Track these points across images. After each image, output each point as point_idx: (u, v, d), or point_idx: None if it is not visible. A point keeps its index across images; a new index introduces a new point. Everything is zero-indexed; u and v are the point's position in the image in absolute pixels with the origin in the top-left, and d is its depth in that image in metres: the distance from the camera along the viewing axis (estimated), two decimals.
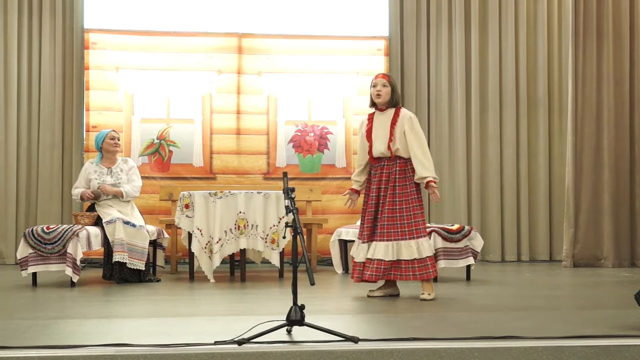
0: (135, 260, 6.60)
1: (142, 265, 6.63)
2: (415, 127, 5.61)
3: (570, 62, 8.45)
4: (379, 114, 5.72)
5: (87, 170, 6.97)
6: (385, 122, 5.64)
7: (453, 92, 9.08)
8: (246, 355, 3.49)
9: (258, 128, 8.78)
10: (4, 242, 8.45)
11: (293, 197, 4.15)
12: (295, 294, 3.91)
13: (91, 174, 6.91)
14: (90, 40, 8.59)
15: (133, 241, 6.60)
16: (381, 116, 5.70)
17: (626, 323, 4.28)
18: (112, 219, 6.60)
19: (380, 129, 5.64)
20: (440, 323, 4.40)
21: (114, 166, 6.98)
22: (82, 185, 6.94)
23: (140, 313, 5.04)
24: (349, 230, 7.59)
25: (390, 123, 5.61)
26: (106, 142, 6.98)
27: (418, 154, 5.56)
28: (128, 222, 6.63)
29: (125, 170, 7.03)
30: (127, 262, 6.53)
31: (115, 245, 6.51)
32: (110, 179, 6.88)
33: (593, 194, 8.36)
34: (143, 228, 6.73)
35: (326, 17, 9.03)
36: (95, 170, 6.93)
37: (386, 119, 5.65)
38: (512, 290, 6.37)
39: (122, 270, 6.60)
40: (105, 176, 6.90)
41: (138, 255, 6.62)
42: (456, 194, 9.01)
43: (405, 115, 5.63)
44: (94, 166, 6.96)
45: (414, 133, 5.59)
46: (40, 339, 3.84)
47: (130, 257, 6.56)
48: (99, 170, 6.92)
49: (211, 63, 8.75)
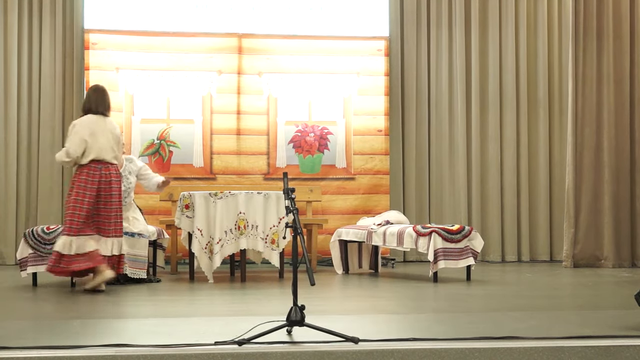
0: (138, 269, 6.62)
1: (144, 274, 6.66)
2: None
3: (570, 63, 8.44)
4: None
5: None
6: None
7: (453, 92, 9.07)
8: (246, 356, 3.50)
9: (258, 128, 8.77)
10: (4, 242, 8.45)
11: (293, 197, 4.16)
12: (295, 294, 3.91)
13: None
14: (91, 41, 8.58)
15: (133, 251, 6.61)
16: None
17: (626, 323, 4.28)
18: None
19: None
20: (440, 323, 4.41)
21: (121, 169, 6.96)
22: None
23: (140, 313, 5.05)
24: (349, 230, 7.59)
25: None
26: None
27: None
28: (127, 233, 6.57)
29: (134, 171, 7.05)
30: (129, 273, 6.54)
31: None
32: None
33: (593, 195, 8.36)
34: (143, 235, 6.73)
35: (326, 17, 9.02)
36: None
37: None
38: (512, 290, 6.37)
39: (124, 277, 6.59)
40: None
41: (140, 265, 6.65)
42: (456, 194, 9.01)
43: None
44: None
45: None
46: (40, 339, 3.84)
47: (133, 267, 6.59)
48: None
49: (211, 63, 8.74)
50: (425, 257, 7.19)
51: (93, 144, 6.09)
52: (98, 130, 6.15)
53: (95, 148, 6.10)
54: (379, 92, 8.93)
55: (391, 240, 7.12)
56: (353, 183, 8.83)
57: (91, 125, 6.14)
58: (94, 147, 6.10)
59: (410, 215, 8.68)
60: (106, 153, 6.15)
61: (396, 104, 9.00)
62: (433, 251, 6.66)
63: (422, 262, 8.60)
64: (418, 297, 5.90)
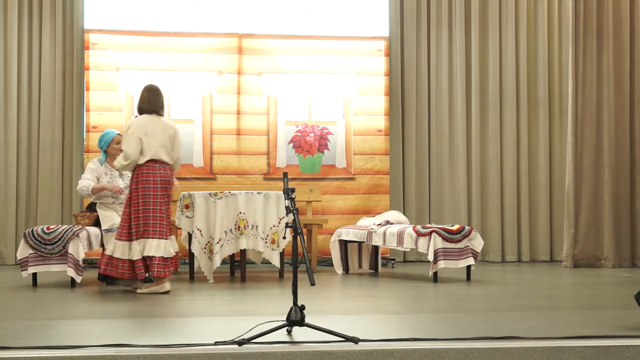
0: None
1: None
2: None
3: (570, 63, 8.45)
4: None
5: (98, 170, 6.90)
6: None
7: (453, 92, 9.08)
8: (246, 356, 3.50)
9: (258, 128, 8.77)
10: (4, 242, 8.45)
11: (293, 197, 4.16)
12: (295, 294, 3.92)
13: (102, 176, 6.86)
14: (91, 41, 8.58)
15: None
16: None
17: (626, 323, 4.28)
18: (112, 227, 6.57)
19: None
20: (440, 323, 4.41)
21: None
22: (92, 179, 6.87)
23: (140, 313, 5.05)
24: (349, 230, 7.59)
25: None
26: (112, 148, 6.89)
27: None
28: None
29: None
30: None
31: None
32: (122, 182, 6.86)
33: (593, 195, 8.36)
34: None
35: (326, 17, 9.02)
36: (106, 172, 6.87)
37: None
38: (512, 290, 6.37)
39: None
40: (117, 179, 6.88)
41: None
42: (456, 194, 9.01)
43: None
44: (104, 168, 6.90)
45: None
46: (40, 339, 3.84)
47: None
48: (110, 173, 6.88)
49: (211, 63, 8.74)
50: (425, 257, 7.19)
51: (149, 144, 6.02)
52: (152, 130, 6.07)
53: (152, 148, 6.03)
54: (379, 92, 8.93)
55: (391, 240, 7.12)
56: (353, 183, 8.83)
57: (145, 126, 6.08)
58: (150, 147, 6.02)
59: (410, 215, 8.69)
60: (162, 152, 6.07)
61: (396, 104, 9.00)
62: (433, 251, 6.66)
63: (422, 262, 8.60)
64: (418, 297, 5.90)
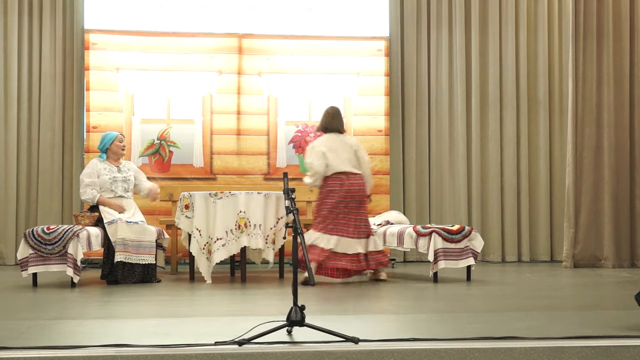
0: (145, 255, 6.64)
1: (152, 259, 6.68)
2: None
3: (570, 63, 8.45)
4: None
5: (97, 167, 6.96)
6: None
7: (453, 92, 9.08)
8: (246, 356, 3.50)
9: (258, 128, 8.77)
10: (4, 242, 8.45)
11: (293, 197, 4.16)
12: (295, 294, 3.91)
13: (101, 171, 6.93)
14: (91, 41, 8.58)
15: (140, 237, 6.64)
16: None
17: (626, 323, 4.28)
18: (114, 219, 6.64)
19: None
20: (440, 323, 4.41)
21: (120, 165, 7.06)
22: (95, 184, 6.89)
23: (140, 313, 5.05)
24: None
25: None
26: (115, 145, 7.02)
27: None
28: (131, 222, 6.65)
29: (132, 169, 7.19)
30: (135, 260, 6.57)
31: (118, 245, 6.54)
32: (120, 175, 6.94)
33: (593, 195, 8.36)
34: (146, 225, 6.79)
35: (326, 17, 9.02)
36: (104, 167, 6.97)
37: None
38: (512, 290, 6.37)
39: (124, 270, 6.59)
40: (116, 173, 6.95)
41: (147, 250, 6.67)
42: (456, 194, 9.01)
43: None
44: (103, 164, 6.99)
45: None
46: (40, 339, 3.84)
47: (140, 252, 6.61)
48: (108, 167, 6.98)
49: (211, 63, 8.74)
50: (425, 257, 7.19)
51: (333, 159, 6.75)
52: (334, 145, 6.81)
53: (336, 162, 6.74)
54: (379, 93, 8.93)
55: (391, 241, 7.12)
56: None
57: (328, 142, 6.84)
58: (334, 161, 6.75)
59: (410, 216, 8.69)
60: (345, 165, 6.76)
61: (396, 104, 9.00)
62: (433, 251, 6.66)
63: (422, 262, 8.60)
64: (418, 297, 5.90)
